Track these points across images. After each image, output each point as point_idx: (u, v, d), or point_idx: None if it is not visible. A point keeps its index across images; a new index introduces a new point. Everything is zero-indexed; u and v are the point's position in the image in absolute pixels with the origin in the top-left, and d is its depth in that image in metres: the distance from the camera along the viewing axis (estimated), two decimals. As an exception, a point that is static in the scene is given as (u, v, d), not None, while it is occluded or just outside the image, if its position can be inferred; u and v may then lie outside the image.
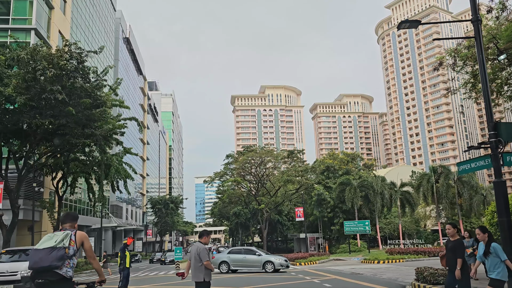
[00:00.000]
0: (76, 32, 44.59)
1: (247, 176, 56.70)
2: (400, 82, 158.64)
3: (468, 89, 18.12)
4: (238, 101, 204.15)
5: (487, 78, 9.37)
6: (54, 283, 4.98)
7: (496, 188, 9.03)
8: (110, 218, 56.93)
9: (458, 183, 46.46)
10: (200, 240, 7.96)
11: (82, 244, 5.48)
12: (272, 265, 23.96)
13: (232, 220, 69.29)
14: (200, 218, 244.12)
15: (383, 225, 53.12)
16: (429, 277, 12.65)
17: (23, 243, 32.03)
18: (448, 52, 17.14)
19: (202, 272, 7.65)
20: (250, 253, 25.23)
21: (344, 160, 67.20)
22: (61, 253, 5.02)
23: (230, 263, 24.72)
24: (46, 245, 5.06)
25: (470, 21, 9.59)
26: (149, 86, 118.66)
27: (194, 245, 7.88)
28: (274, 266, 23.91)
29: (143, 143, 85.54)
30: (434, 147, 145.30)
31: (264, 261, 24.24)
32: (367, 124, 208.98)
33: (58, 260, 4.96)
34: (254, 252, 25.43)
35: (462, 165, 10.36)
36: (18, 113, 23.14)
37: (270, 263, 24.03)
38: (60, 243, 5.11)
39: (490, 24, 15.94)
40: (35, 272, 5.02)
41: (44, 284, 4.97)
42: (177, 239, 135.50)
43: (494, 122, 9.05)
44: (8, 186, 25.44)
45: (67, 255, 5.10)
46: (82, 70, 24.59)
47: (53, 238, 5.21)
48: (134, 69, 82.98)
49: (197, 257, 7.68)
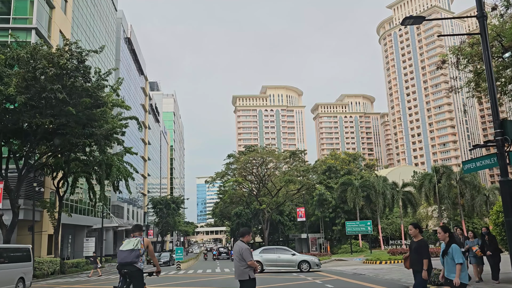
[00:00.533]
0: (77, 32, 44.49)
1: (249, 176, 56.57)
2: (402, 82, 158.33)
3: (472, 88, 17.92)
4: (240, 102, 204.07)
5: (493, 75, 9.19)
6: (133, 272, 7.86)
7: (502, 187, 8.85)
8: (111, 218, 56.80)
9: (460, 183, 46.24)
10: (242, 239, 8.02)
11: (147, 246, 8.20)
12: (307, 264, 23.02)
13: (233, 221, 69.17)
14: (202, 219, 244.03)
15: (385, 226, 52.91)
16: (433, 278, 12.45)
17: (23, 243, 31.87)
18: (452, 50, 16.94)
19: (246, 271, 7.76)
20: (284, 252, 24.24)
21: (345, 160, 67.10)
22: (137, 253, 7.81)
23: (263, 263, 23.07)
24: (127, 248, 7.87)
25: (476, 17, 9.41)
26: (151, 87, 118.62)
27: (237, 245, 7.96)
28: (310, 265, 23.02)
29: (144, 143, 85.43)
30: (436, 147, 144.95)
31: (300, 261, 23.32)
32: (369, 124, 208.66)
33: (136, 257, 7.80)
34: (288, 251, 24.66)
35: (467, 164, 10.18)
36: (18, 112, 23.02)
37: (305, 263, 23.12)
38: (136, 246, 7.83)
39: (494, 22, 15.75)
40: (121, 265, 7.89)
41: (127, 272, 7.89)
42: (179, 239, 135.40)
43: (501, 120, 8.87)
44: (8, 186, 25.34)
45: (140, 254, 7.87)
46: (83, 69, 24.46)
47: (130, 242, 7.94)
48: (136, 69, 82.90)
49: (240, 257, 7.75)
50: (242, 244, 7.85)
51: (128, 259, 7.78)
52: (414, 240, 7.71)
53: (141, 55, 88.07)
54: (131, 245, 7.87)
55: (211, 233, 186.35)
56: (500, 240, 13.41)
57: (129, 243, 7.94)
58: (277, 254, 23.97)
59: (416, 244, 7.60)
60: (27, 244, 30.44)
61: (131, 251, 7.81)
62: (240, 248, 7.77)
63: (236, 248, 7.89)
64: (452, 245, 6.93)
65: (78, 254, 45.40)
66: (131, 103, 66.31)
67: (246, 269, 7.68)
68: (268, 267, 23.39)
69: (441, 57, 18.05)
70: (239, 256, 7.72)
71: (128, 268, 7.80)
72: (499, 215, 13.13)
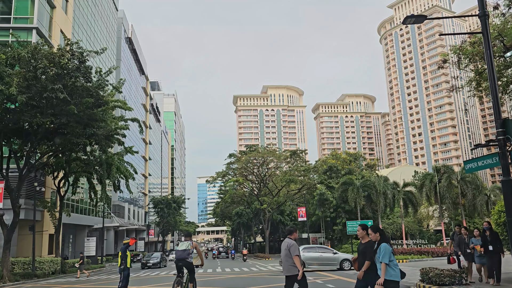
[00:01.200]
0: (78, 32, 44.49)
1: (249, 176, 56.56)
2: (403, 82, 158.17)
3: (473, 87, 17.89)
4: (241, 101, 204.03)
5: (495, 74, 9.15)
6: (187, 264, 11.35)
7: (504, 187, 8.82)
8: (112, 218, 56.82)
9: (461, 183, 46.12)
10: (289, 237, 8.31)
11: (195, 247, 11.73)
12: (349, 263, 23.37)
13: (234, 220, 69.16)
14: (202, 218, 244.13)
15: (385, 225, 52.84)
16: (434, 278, 12.42)
17: (24, 243, 31.94)
18: (453, 49, 16.90)
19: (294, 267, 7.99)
20: (326, 251, 24.64)
21: (346, 160, 66.99)
22: (188, 252, 11.31)
23: (305, 261, 22.94)
24: (181, 248, 11.40)
25: (478, 16, 9.37)
26: (152, 86, 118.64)
27: (285, 242, 8.25)
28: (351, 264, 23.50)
29: (145, 143, 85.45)
30: (436, 147, 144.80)
31: (342, 259, 23.72)
32: (370, 124, 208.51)
33: (187, 255, 11.30)
34: (330, 250, 25.10)
35: (469, 163, 10.14)
36: (19, 112, 23.01)
37: (347, 261, 23.49)
38: (187, 247, 11.37)
39: (495, 22, 15.71)
40: (177, 260, 11.40)
41: (183, 265, 11.41)
42: (179, 239, 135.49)
43: (503, 119, 8.83)
44: (9, 185, 25.33)
45: (190, 253, 11.38)
46: (84, 69, 24.44)
47: (183, 244, 11.50)
48: (136, 69, 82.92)
49: (288, 253, 8.00)
50: (290, 240, 8.15)
51: (182, 256, 11.32)
52: (362, 242, 7.59)
53: (142, 55, 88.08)
54: (184, 246, 11.44)
55: (212, 232, 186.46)
56: (502, 240, 13.37)
57: (183, 245, 11.52)
58: (319, 252, 24.35)
59: (363, 246, 7.49)
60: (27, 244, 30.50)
61: (183, 250, 11.34)
62: (288, 244, 8.06)
63: (284, 245, 8.22)
64: (382, 244, 6.87)
65: (79, 254, 45.42)
66: (132, 103, 66.35)
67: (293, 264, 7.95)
68: (310, 265, 23.54)
69: (442, 57, 18.00)
70: (287, 252, 7.99)
71: (182, 262, 11.38)
72: (500, 215, 13.10)
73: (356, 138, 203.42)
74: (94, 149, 30.58)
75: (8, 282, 23.00)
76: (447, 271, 12.39)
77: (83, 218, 45.62)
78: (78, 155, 31.18)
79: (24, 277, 25.43)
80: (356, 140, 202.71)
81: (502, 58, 15.35)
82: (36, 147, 27.27)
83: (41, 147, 28.19)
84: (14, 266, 26.41)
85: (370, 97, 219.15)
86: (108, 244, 55.59)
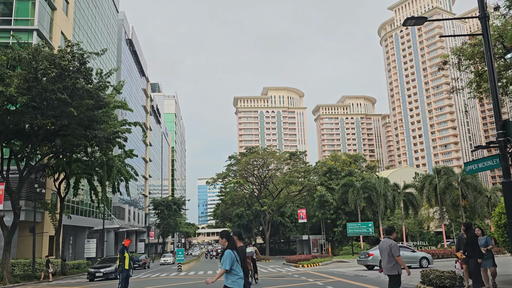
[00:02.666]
0: (78, 33, 44.54)
1: (250, 178, 56.57)
2: (403, 84, 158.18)
3: (473, 89, 17.88)
4: (241, 103, 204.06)
5: (495, 75, 9.14)
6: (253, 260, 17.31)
7: (504, 189, 8.80)
8: (112, 219, 56.79)
9: (462, 184, 46.07)
10: (389, 237, 8.55)
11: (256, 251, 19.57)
12: (426, 261, 24.43)
13: (234, 222, 69.12)
14: (203, 220, 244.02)
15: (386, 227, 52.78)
16: (435, 280, 12.40)
17: (24, 244, 31.92)
18: (453, 51, 16.91)
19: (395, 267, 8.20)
20: (406, 250, 25.33)
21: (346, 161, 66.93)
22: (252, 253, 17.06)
23: None
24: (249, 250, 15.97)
25: (478, 18, 9.37)
26: (152, 88, 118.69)
27: (385, 242, 8.39)
28: (429, 261, 24.41)
29: (146, 144, 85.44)
30: (437, 148, 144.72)
31: (421, 257, 24.67)
32: (370, 126, 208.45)
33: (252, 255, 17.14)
34: (408, 248, 26.01)
35: (469, 165, 10.13)
36: (19, 113, 23.02)
37: (425, 259, 24.54)
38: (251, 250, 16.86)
39: (496, 23, 15.72)
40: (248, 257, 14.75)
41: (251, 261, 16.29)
42: (180, 241, 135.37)
43: (503, 121, 8.82)
44: (10, 187, 25.33)
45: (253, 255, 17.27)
46: (85, 71, 24.46)
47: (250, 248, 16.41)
48: (137, 71, 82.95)
49: (390, 253, 8.20)
50: (390, 241, 8.34)
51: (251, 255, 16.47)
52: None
53: (142, 57, 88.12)
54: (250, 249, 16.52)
55: (213, 234, 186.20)
56: (503, 242, 13.33)
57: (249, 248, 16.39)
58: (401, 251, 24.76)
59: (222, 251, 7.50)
60: (28, 245, 30.47)
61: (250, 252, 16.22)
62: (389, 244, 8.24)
63: (384, 245, 8.38)
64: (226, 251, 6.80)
65: (79, 255, 45.39)
66: (133, 104, 66.34)
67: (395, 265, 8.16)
68: None
69: (443, 58, 18.00)
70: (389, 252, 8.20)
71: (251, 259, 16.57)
72: (501, 217, 13.07)
73: (356, 139, 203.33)
74: (95, 150, 30.60)
75: (8, 284, 22.99)
76: (448, 273, 12.36)
77: (83, 219, 45.58)
78: (78, 157, 31.20)
79: (24, 278, 25.42)
80: (356, 142, 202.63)
81: (502, 60, 15.35)
82: (37, 148, 27.29)
83: (41, 149, 28.22)
84: (14, 268, 26.39)
85: (370, 99, 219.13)
86: (108, 246, 55.50)
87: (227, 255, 6.72)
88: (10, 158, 26.68)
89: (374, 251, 24.29)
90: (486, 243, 11.44)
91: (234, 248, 6.94)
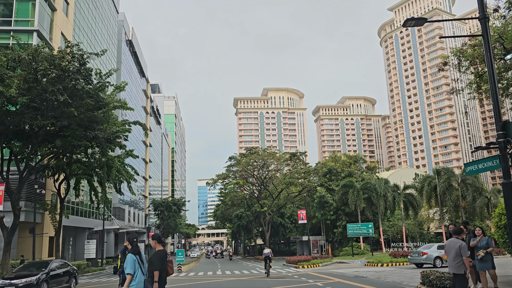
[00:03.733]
0: (78, 34, 44.56)
1: (250, 179, 56.52)
2: (403, 84, 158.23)
3: (473, 90, 17.90)
4: (241, 104, 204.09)
5: (495, 76, 9.14)
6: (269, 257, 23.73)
7: (505, 189, 8.80)
8: (112, 220, 56.77)
9: (462, 185, 46.08)
10: (457, 237, 8.89)
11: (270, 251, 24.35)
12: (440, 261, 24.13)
13: (234, 223, 69.11)
14: (203, 221, 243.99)
15: (386, 228, 52.75)
16: (435, 281, 12.38)
17: (24, 245, 31.90)
18: (453, 52, 16.91)
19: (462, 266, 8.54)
20: None
21: (346, 162, 66.95)
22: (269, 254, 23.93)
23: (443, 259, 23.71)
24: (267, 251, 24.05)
25: (478, 19, 9.38)
26: (152, 89, 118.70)
27: (454, 242, 8.74)
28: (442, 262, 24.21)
29: (146, 145, 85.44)
30: (437, 149, 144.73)
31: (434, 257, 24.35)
32: (370, 127, 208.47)
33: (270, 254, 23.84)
34: None
35: (469, 166, 10.13)
36: (19, 114, 23.02)
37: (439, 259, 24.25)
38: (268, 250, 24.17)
39: (496, 24, 15.73)
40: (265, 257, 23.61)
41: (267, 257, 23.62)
42: (180, 242, 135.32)
43: (503, 122, 8.82)
44: (10, 187, 25.31)
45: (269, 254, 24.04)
46: (85, 72, 24.46)
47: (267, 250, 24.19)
48: (137, 72, 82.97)
49: (459, 252, 8.53)
50: (459, 241, 8.66)
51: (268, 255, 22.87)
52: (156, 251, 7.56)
53: (142, 58, 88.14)
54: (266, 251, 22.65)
55: (213, 235, 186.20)
56: (503, 243, 13.31)
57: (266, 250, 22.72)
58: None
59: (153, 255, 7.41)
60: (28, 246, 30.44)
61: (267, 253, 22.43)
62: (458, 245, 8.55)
63: (451, 244, 8.73)
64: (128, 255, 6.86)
65: (79, 256, 45.36)
66: (133, 105, 66.31)
67: (462, 264, 8.51)
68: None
69: (443, 59, 18.02)
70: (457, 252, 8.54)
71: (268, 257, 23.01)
72: (501, 218, 13.06)
73: (356, 140, 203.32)
74: (95, 151, 30.58)
75: (8, 285, 22.93)
76: (448, 274, 12.32)
77: (83, 220, 45.56)
78: (78, 157, 31.18)
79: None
80: (356, 143, 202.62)
81: (502, 61, 15.36)
82: (37, 149, 27.27)
83: (41, 149, 28.19)
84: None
85: (370, 100, 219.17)
86: (108, 247, 55.45)
87: (128, 259, 6.78)
88: (10, 159, 26.66)
89: (427, 250, 24.69)
90: (487, 244, 10.92)
91: (137, 252, 6.95)
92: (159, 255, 7.25)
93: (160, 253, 7.28)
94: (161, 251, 7.32)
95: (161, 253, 7.28)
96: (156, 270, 7.12)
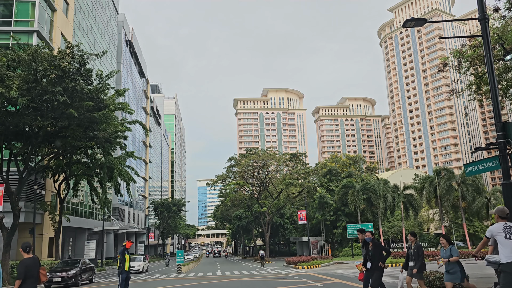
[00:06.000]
0: (78, 35, 44.56)
1: (250, 179, 56.50)
2: (403, 85, 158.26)
3: (473, 91, 17.89)
4: (241, 104, 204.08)
5: (495, 77, 9.15)
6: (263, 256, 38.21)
7: (504, 190, 8.79)
8: (112, 221, 56.73)
9: (461, 186, 46.09)
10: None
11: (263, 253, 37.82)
12: None
13: (234, 223, 69.08)
14: (203, 221, 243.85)
15: (386, 228, 52.73)
16: (435, 281, 12.39)
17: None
18: (453, 53, 16.92)
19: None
20: None
21: (346, 163, 66.90)
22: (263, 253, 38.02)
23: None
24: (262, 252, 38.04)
25: (477, 19, 9.38)
26: (152, 89, 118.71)
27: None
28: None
29: (146, 145, 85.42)
30: (437, 150, 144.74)
31: None
32: (370, 127, 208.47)
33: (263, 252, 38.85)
34: None
35: (469, 166, 10.13)
36: (19, 114, 23.00)
37: None
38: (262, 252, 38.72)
39: (496, 25, 15.73)
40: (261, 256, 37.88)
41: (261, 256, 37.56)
42: (179, 242, 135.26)
43: (503, 123, 8.82)
44: (9, 188, 25.29)
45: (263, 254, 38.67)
46: (84, 72, 24.44)
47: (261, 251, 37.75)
48: (137, 72, 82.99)
49: None
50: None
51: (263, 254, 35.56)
52: None
53: (142, 58, 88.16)
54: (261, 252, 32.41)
55: (212, 236, 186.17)
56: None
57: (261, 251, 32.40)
58: None
59: None
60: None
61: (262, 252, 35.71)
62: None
63: None
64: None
65: (78, 256, 45.32)
66: (133, 105, 66.31)
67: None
68: None
69: (442, 60, 18.03)
70: None
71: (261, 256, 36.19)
72: (501, 218, 13.03)
73: (356, 141, 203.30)
74: (95, 152, 30.56)
75: (8, 285, 22.94)
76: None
77: (83, 221, 45.54)
78: (78, 158, 31.16)
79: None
80: (356, 143, 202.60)
81: (502, 62, 15.36)
82: (37, 149, 27.24)
83: (41, 150, 28.17)
84: (14, 269, 26.33)
85: (370, 100, 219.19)
86: (108, 247, 55.45)
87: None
88: (10, 160, 26.64)
89: None
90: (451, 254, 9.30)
91: None
92: (24, 263, 7.26)
93: (26, 261, 7.29)
94: (27, 259, 7.33)
95: (26, 261, 7.29)
96: (18, 279, 7.14)
